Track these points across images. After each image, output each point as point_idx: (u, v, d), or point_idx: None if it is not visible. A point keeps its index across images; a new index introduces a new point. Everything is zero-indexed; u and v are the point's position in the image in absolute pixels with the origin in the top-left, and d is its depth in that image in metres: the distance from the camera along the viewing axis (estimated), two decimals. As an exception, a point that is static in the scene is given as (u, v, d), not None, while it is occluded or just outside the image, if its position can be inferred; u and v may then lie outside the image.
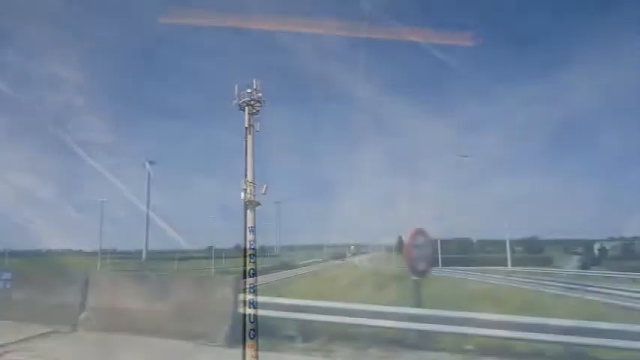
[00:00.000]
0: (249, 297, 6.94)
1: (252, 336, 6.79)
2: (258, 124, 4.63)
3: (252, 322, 6.98)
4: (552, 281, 22.95)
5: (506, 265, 44.90)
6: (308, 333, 6.48)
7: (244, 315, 6.83)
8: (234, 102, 4.63)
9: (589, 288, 18.05)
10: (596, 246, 63.80)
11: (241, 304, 6.81)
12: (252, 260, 4.90)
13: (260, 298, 7.02)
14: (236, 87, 4.67)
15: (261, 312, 6.76)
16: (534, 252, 70.54)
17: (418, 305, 6.48)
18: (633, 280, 27.10)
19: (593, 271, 38.98)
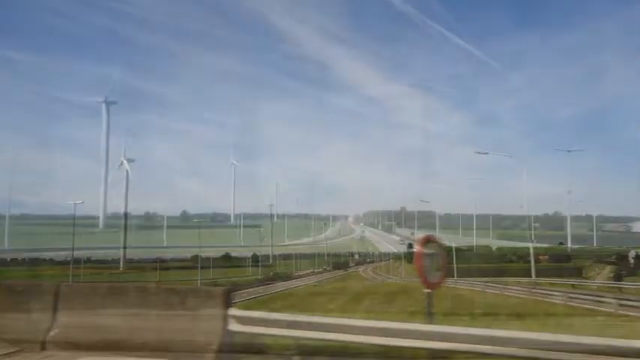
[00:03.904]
0: (239, 312, 6.96)
1: (243, 355, 6.82)
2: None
3: (242, 340, 7.01)
4: (582, 294, 22.97)
5: (530, 276, 44.91)
6: (306, 352, 6.49)
7: (234, 332, 6.85)
8: None
9: (623, 302, 18.08)
10: (632, 254, 63.50)
11: (231, 320, 6.84)
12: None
13: (251, 313, 7.05)
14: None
15: (252, 329, 6.79)
16: (561, 261, 70.63)
17: (430, 321, 6.49)
18: (673, 293, 27.10)
19: (628, 283, 38.97)
